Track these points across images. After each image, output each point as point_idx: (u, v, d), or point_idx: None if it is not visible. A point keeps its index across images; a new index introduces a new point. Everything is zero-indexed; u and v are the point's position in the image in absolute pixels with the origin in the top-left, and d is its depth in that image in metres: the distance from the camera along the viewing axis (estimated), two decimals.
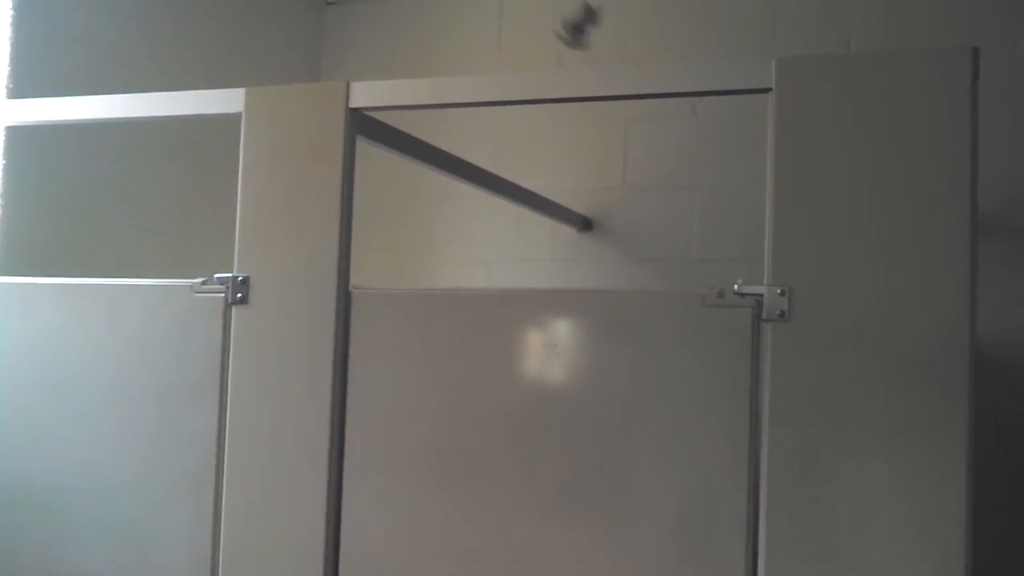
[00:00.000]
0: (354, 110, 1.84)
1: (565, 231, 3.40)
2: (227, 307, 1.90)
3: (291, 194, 1.86)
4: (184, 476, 1.93)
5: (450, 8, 3.66)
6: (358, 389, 1.83)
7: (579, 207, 3.35)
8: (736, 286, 1.61)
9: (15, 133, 2.53)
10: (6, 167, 2.52)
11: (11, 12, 2.52)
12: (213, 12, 3.22)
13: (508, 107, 3.30)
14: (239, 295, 1.89)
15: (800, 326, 1.58)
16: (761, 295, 1.60)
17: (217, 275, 1.91)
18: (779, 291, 1.59)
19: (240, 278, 1.89)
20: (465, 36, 3.63)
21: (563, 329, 1.74)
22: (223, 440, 1.89)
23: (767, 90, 1.60)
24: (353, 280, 1.86)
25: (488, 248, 3.55)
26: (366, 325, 1.84)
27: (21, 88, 2.53)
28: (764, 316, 1.59)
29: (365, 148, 1.91)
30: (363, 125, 1.88)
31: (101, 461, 2.01)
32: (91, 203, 2.77)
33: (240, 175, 1.90)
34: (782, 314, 1.58)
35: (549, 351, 1.74)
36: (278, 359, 1.86)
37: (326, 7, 3.81)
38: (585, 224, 3.38)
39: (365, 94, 1.83)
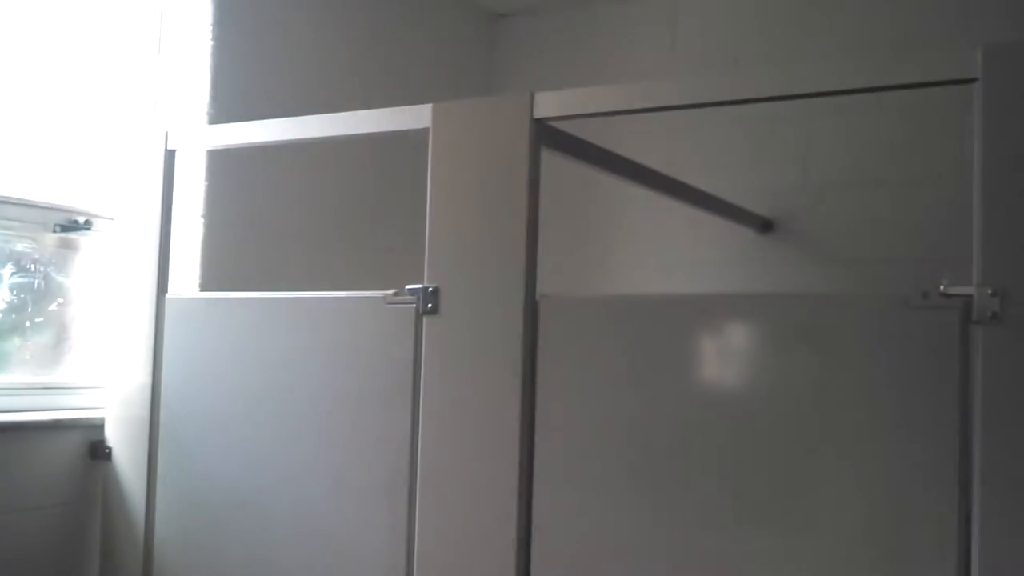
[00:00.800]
0: (538, 121, 1.85)
1: (745, 233, 3.32)
2: (418, 317, 1.95)
3: (478, 205, 1.90)
4: (379, 482, 2.00)
5: (621, 16, 3.64)
6: (546, 396, 1.84)
7: (759, 208, 3.26)
8: (942, 287, 1.53)
9: (215, 156, 2.68)
10: (208, 188, 2.68)
11: (211, 42, 2.68)
12: (387, 32, 3.32)
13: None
14: (430, 305, 1.93)
15: (1015, 329, 1.48)
16: (970, 296, 1.51)
17: (408, 286, 1.96)
18: (990, 291, 1.50)
19: (430, 288, 1.93)
20: (637, 43, 3.60)
21: (756, 334, 1.70)
22: (416, 447, 1.94)
23: (973, 80, 1.51)
24: (539, 288, 1.88)
25: (666, 252, 3.51)
26: (553, 333, 1.85)
27: (220, 113, 2.68)
28: (974, 318, 1.51)
29: (547, 156, 1.92)
30: (548, 136, 1.90)
31: (300, 467, 2.10)
32: (285, 221, 2.91)
33: (428, 188, 1.95)
34: (994, 316, 1.50)
35: (738, 357, 1.70)
36: (468, 367, 1.89)
37: (497, 20, 3.87)
38: (765, 225, 3.29)
39: (549, 104, 1.84)
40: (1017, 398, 1.47)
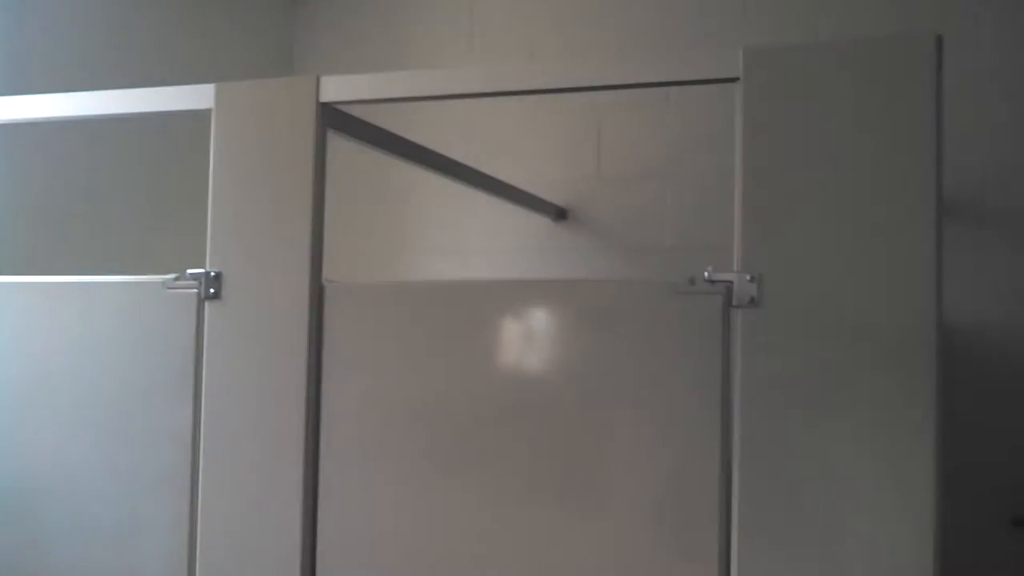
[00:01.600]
0: (325, 104, 1.84)
1: (540, 221, 3.40)
2: (200, 303, 1.90)
3: (263, 189, 1.86)
4: (160, 474, 1.93)
5: (423, 6, 3.65)
6: (333, 383, 1.84)
7: (554, 197, 3.35)
8: (706, 273, 1.62)
9: None
10: None
11: None
12: (182, 9, 3.20)
13: (481, 99, 3.31)
14: (212, 290, 1.88)
15: (770, 312, 1.59)
16: (731, 282, 1.61)
17: (189, 271, 1.91)
18: (748, 278, 1.60)
19: (212, 273, 1.88)
20: (437, 31, 3.62)
21: (537, 319, 1.76)
22: (198, 437, 1.89)
23: (735, 79, 1.61)
24: (326, 274, 1.86)
25: (463, 239, 3.55)
26: (340, 319, 1.84)
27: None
28: (734, 303, 1.61)
29: (337, 141, 1.91)
30: (334, 119, 1.88)
31: (76, 460, 2.00)
32: (62, 202, 2.75)
33: (211, 170, 1.90)
34: (752, 300, 1.60)
35: (523, 341, 1.75)
36: (252, 354, 1.86)
37: (294, 2, 3.79)
38: (559, 214, 3.39)
39: (336, 88, 1.83)
40: (772, 374, 1.58)
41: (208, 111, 1.91)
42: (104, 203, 2.90)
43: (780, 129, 1.60)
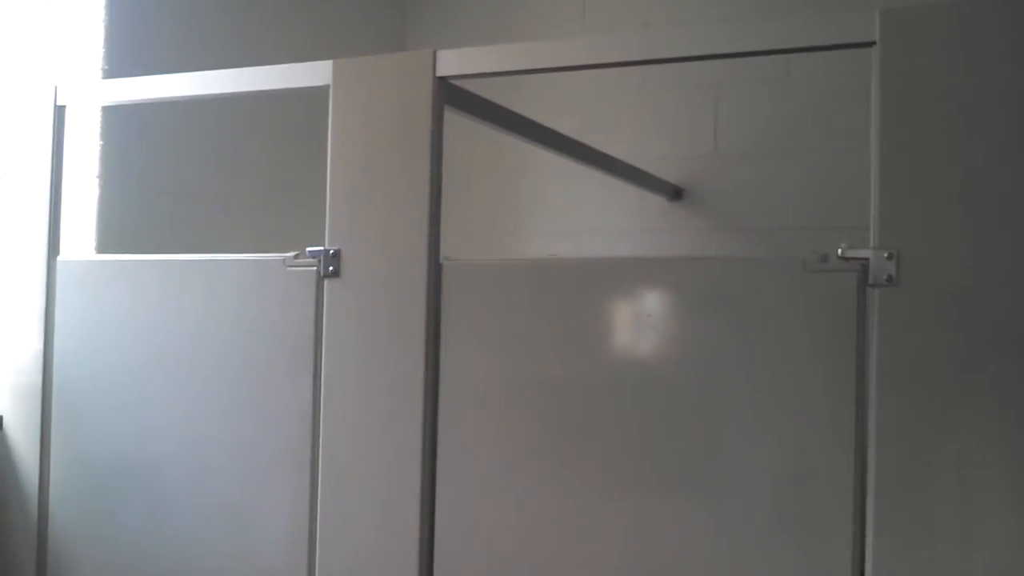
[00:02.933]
0: (441, 79, 1.81)
1: (654, 200, 3.34)
2: (319, 280, 1.91)
3: (380, 166, 1.85)
4: (281, 450, 1.95)
5: None
6: (450, 361, 1.82)
7: (669, 176, 3.28)
8: (840, 250, 1.54)
9: (111, 113, 2.58)
10: (103, 147, 2.57)
11: None
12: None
13: (595, 74, 3.25)
14: (331, 268, 1.89)
15: (908, 291, 1.51)
16: (867, 259, 1.53)
17: (309, 248, 1.91)
18: (886, 255, 1.52)
19: (332, 251, 1.89)
20: (548, 5, 3.57)
21: (658, 298, 1.70)
22: (318, 414, 1.90)
23: (871, 44, 1.52)
24: (443, 252, 1.85)
25: (575, 219, 3.51)
26: (458, 297, 1.82)
27: (115, 68, 2.57)
28: (870, 281, 1.53)
29: (451, 117, 1.89)
30: (451, 94, 1.86)
31: (198, 436, 2.04)
32: (186, 180, 2.82)
33: (329, 148, 1.90)
34: (889, 279, 1.51)
35: (644, 321, 1.70)
36: (371, 332, 1.86)
37: None
38: (675, 193, 3.31)
39: (452, 62, 1.80)
40: (910, 358, 1.50)
41: (326, 88, 1.91)
42: (224, 182, 2.95)
43: (920, 96, 1.50)
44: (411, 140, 1.81)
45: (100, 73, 2.56)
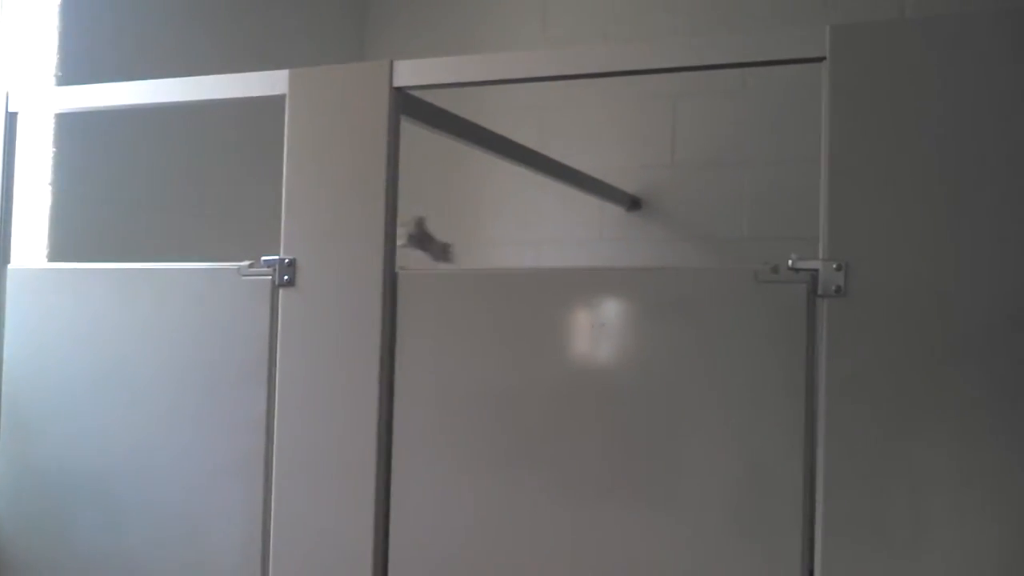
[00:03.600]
0: (398, 89, 1.82)
1: (613, 210, 3.36)
2: (274, 289, 1.90)
3: (336, 175, 1.85)
4: (234, 460, 1.94)
5: None
6: (406, 371, 1.82)
7: (627, 186, 3.30)
8: (790, 261, 1.56)
9: (64, 120, 2.55)
10: (56, 155, 2.54)
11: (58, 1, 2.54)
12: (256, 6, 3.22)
13: (554, 85, 3.27)
14: (286, 277, 1.88)
15: (857, 302, 1.53)
16: (816, 270, 1.55)
17: (264, 257, 1.91)
18: (835, 266, 1.54)
19: (287, 260, 1.88)
20: (509, 16, 3.59)
21: (613, 308, 1.71)
22: (272, 423, 1.89)
23: (821, 59, 1.55)
24: (398, 262, 1.85)
25: (535, 229, 3.52)
26: (413, 307, 1.82)
27: (68, 76, 2.55)
28: (819, 292, 1.55)
29: (408, 127, 1.89)
30: (407, 105, 1.86)
31: (150, 445, 2.02)
32: (139, 189, 2.79)
33: (285, 157, 1.89)
34: (838, 289, 1.54)
35: (598, 330, 1.71)
36: (326, 341, 1.85)
37: None
38: (633, 203, 3.34)
39: (409, 73, 1.80)
40: (859, 367, 1.52)
41: (282, 97, 1.90)
42: (179, 190, 2.93)
43: (868, 109, 1.53)
44: (367, 150, 1.82)
45: (53, 80, 2.53)
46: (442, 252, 2.86)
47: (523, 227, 3.52)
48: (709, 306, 1.63)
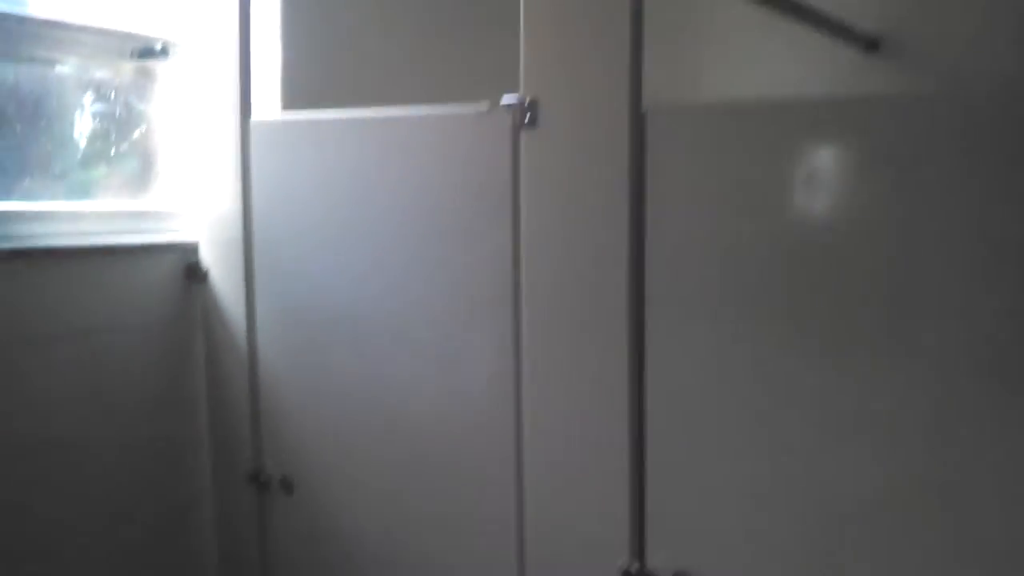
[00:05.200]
0: None
1: (846, 54, 3.10)
2: (515, 132, 1.86)
3: (577, 9, 1.77)
4: (481, 298, 1.96)
5: None
6: (657, 218, 1.75)
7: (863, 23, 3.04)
8: None
9: None
10: (284, 7, 2.56)
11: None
12: None
13: None
14: (528, 118, 1.84)
15: None
16: None
17: (504, 99, 1.87)
18: None
19: (527, 100, 1.83)
20: None
21: (889, 145, 1.56)
22: (519, 266, 1.89)
23: None
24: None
25: (755, 76, 3.31)
26: (664, 146, 1.74)
27: None
28: None
29: None
30: None
31: (399, 286, 2.07)
32: (368, 34, 2.77)
33: None
34: None
35: (872, 167, 1.57)
36: (571, 183, 1.81)
37: None
38: (870, 44, 3.07)
39: None
40: None
41: None
42: (405, 30, 2.89)
43: None
44: None
45: None
46: None
47: (750, 71, 3.32)
48: None
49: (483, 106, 1.90)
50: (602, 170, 1.77)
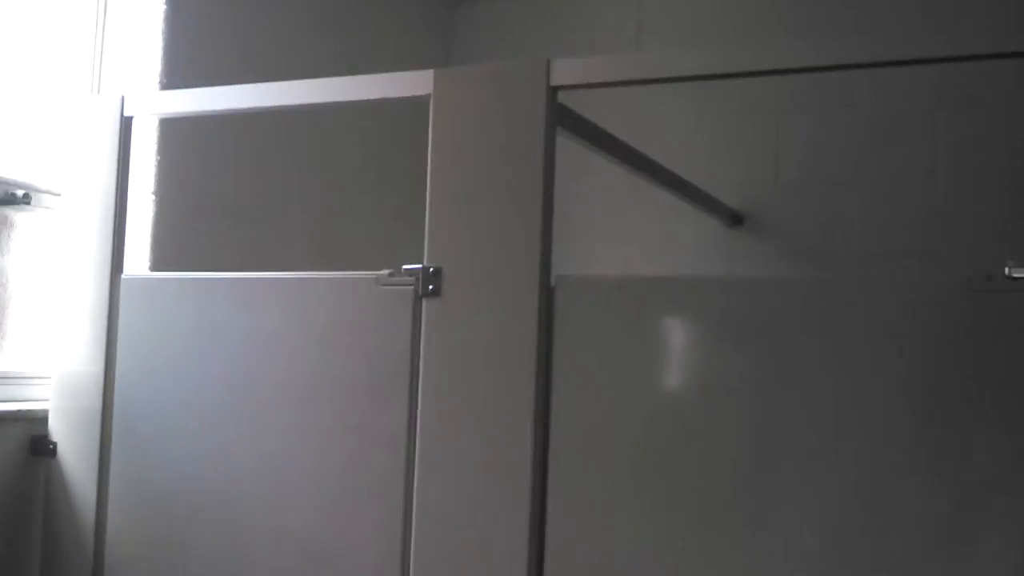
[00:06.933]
0: (554, 89, 1.71)
1: (713, 226, 3.23)
2: (417, 300, 1.79)
3: (486, 180, 1.75)
4: (370, 479, 1.83)
5: (582, 3, 3.50)
6: (564, 387, 1.70)
7: (728, 201, 3.18)
8: (1007, 269, 1.45)
9: (166, 127, 2.46)
10: (160, 162, 2.46)
11: (164, 4, 2.47)
12: (346, 13, 3.12)
13: (653, 95, 3.16)
14: (430, 287, 1.78)
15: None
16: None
17: (406, 266, 1.81)
18: None
19: (432, 269, 1.78)
20: (600, 31, 3.47)
21: (783, 318, 1.59)
22: (413, 441, 1.78)
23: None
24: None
25: (638, 241, 3.38)
26: (572, 318, 1.71)
27: (174, 80, 2.46)
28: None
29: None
30: (562, 113, 1.76)
31: (277, 465, 1.92)
32: (247, 197, 2.70)
33: (429, 161, 1.80)
34: None
35: (768, 342, 1.59)
36: (475, 355, 1.74)
37: (455, 7, 3.68)
38: (735, 219, 3.22)
39: (567, 72, 1.70)
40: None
41: (426, 97, 1.81)
42: (306, 198, 2.83)
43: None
44: (522, 151, 1.72)
45: (158, 85, 2.45)
46: None
47: (616, 241, 3.40)
48: (916, 317, 1.51)
49: (384, 272, 1.83)
50: (509, 341, 1.71)
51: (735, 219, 3.22)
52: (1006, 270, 1.44)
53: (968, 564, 1.43)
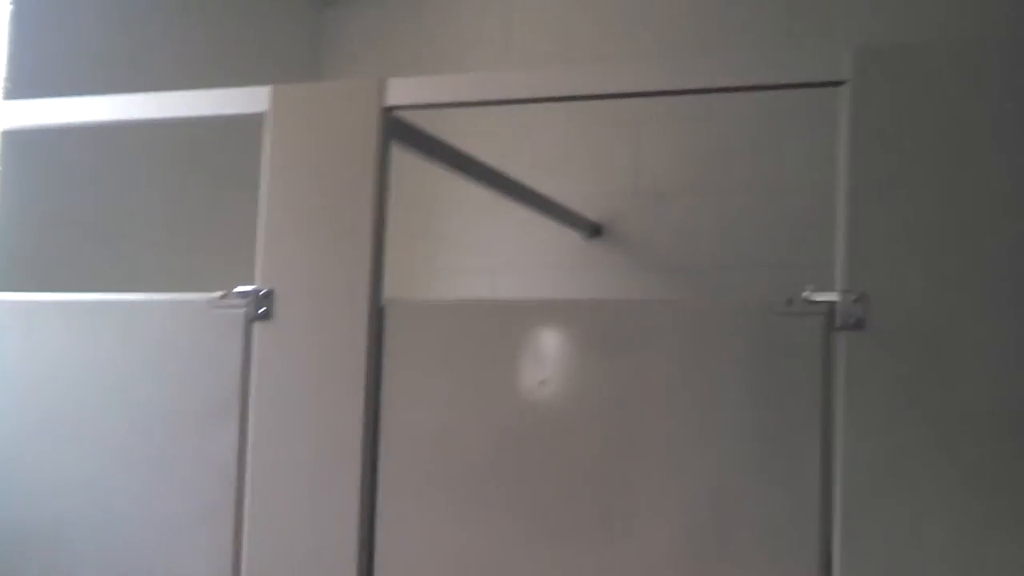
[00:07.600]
0: (388, 109, 1.71)
1: (572, 238, 3.27)
2: (248, 323, 1.76)
3: (319, 201, 1.74)
4: (200, 507, 1.79)
5: (454, 11, 3.51)
6: (392, 410, 1.70)
7: (587, 213, 3.22)
8: (806, 293, 1.50)
9: (14, 138, 2.36)
10: (4, 174, 2.35)
11: (10, 7, 2.36)
12: (209, 15, 3.06)
13: (513, 111, 3.18)
14: (262, 310, 1.75)
15: (876, 335, 1.47)
16: (835, 303, 1.49)
17: (237, 289, 1.77)
18: (853, 298, 1.48)
19: (263, 291, 1.75)
20: (471, 39, 3.48)
21: (611, 340, 1.62)
22: (244, 467, 1.75)
23: (841, 83, 1.49)
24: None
25: (489, 256, 3.41)
26: (400, 340, 1.70)
27: (20, 89, 2.36)
28: (837, 324, 1.48)
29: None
30: (397, 129, 1.75)
31: (107, 494, 1.86)
32: (95, 213, 2.61)
33: (263, 180, 1.77)
34: (858, 322, 1.48)
35: (603, 362, 1.62)
36: (305, 378, 1.72)
37: (324, 8, 3.64)
38: (594, 230, 3.26)
39: (400, 91, 1.70)
40: (877, 404, 1.46)
41: (257, 115, 1.78)
42: (140, 217, 2.75)
43: (892, 136, 1.47)
44: (355, 173, 1.70)
45: (2, 93, 2.35)
46: None
47: (477, 254, 3.41)
48: (721, 340, 1.56)
49: (215, 295, 1.79)
50: (338, 363, 1.70)
51: (594, 230, 3.26)
52: (804, 294, 1.49)
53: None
